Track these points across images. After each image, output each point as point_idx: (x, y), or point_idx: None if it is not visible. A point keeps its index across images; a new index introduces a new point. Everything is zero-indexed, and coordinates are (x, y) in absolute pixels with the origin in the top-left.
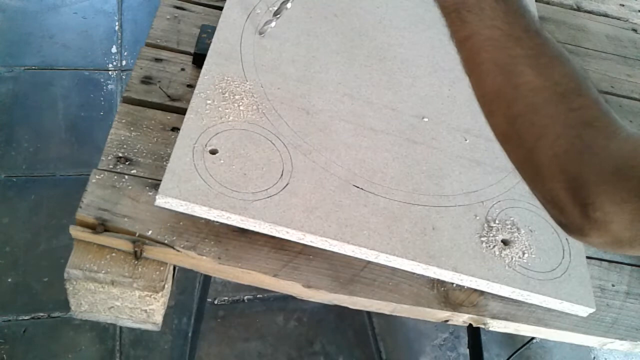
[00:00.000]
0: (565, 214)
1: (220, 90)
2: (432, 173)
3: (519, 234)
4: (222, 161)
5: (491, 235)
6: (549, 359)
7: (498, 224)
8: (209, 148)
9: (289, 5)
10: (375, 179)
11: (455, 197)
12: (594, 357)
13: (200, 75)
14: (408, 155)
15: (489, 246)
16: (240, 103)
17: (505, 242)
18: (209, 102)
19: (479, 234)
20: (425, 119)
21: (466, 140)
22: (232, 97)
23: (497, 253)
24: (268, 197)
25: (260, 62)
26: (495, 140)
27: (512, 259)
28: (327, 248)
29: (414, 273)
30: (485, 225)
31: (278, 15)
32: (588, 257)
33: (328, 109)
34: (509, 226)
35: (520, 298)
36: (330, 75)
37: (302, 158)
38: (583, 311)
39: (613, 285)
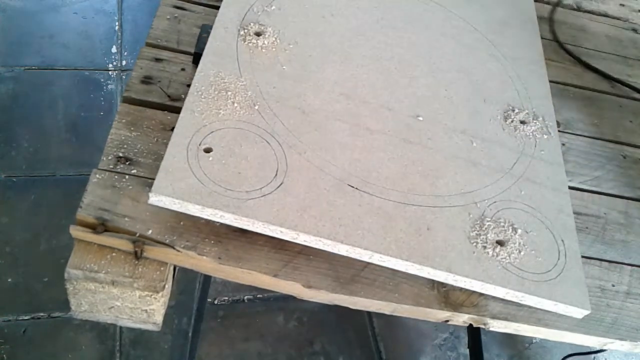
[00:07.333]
0: None
1: (216, 88)
2: (428, 173)
3: (514, 234)
4: (216, 160)
5: (486, 236)
6: (549, 359)
7: (493, 224)
8: (203, 146)
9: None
10: (370, 179)
11: (451, 198)
12: (594, 357)
13: (196, 73)
14: (404, 155)
15: (484, 247)
16: (235, 101)
17: (500, 243)
18: (203, 100)
19: (474, 235)
20: (420, 118)
21: (463, 140)
22: (227, 95)
23: (491, 254)
24: (262, 196)
25: (257, 61)
26: (492, 141)
27: (506, 260)
28: (321, 248)
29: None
30: (480, 225)
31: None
32: (588, 257)
33: (324, 109)
34: (504, 227)
35: (514, 299)
36: (327, 75)
37: (297, 157)
38: (578, 313)
39: (613, 286)
